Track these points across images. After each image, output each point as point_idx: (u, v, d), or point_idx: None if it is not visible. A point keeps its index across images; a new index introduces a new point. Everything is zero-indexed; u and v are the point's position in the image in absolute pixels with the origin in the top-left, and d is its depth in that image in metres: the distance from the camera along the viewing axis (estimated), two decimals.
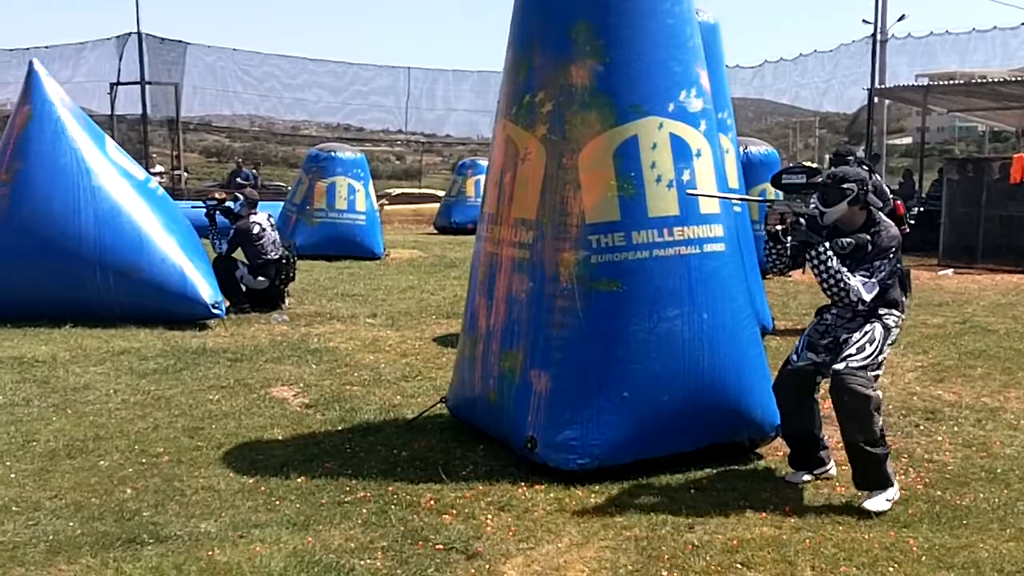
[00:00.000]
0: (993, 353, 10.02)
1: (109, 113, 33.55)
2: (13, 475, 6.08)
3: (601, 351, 5.99)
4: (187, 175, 38.27)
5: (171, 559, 4.85)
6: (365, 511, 5.49)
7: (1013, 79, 23.35)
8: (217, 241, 12.42)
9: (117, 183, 11.24)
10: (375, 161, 41.89)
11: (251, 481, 5.99)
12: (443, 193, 30.80)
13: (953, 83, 24.98)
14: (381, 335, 10.95)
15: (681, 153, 6.13)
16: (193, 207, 13.51)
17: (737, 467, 6.28)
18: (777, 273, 6.07)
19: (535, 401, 6.10)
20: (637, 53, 6.10)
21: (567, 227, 6.06)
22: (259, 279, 12.38)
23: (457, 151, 46.62)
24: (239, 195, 13.00)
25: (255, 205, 12.78)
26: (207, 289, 11.15)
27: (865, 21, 30.51)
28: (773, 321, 11.13)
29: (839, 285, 5.50)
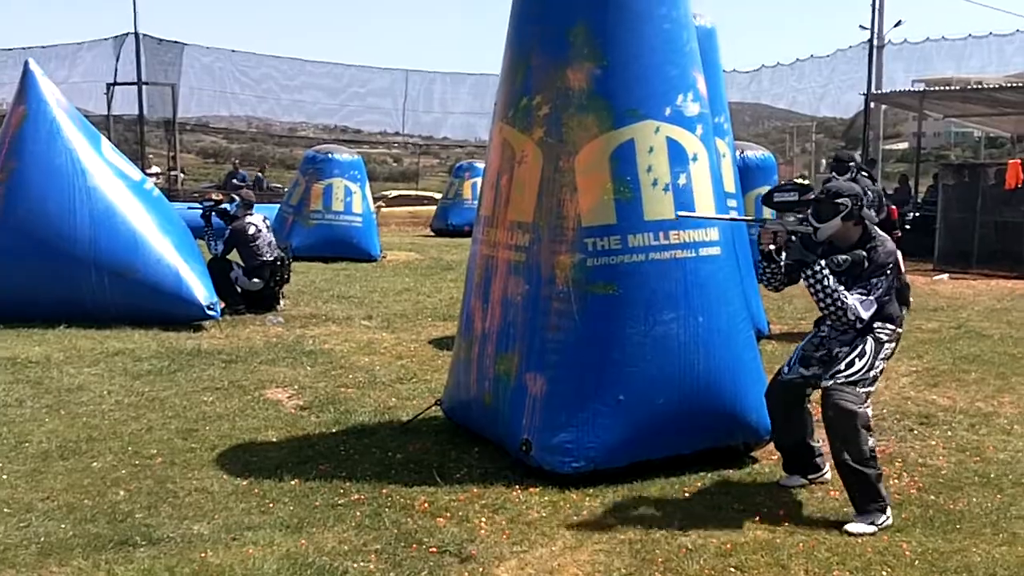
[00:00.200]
0: (987, 358, 10.03)
1: (106, 113, 33.47)
2: (5, 476, 6.06)
3: (597, 354, 5.99)
4: (183, 176, 38.24)
5: (164, 561, 4.84)
6: (359, 513, 5.48)
7: (1009, 85, 23.34)
8: (213, 242, 12.40)
9: (112, 184, 11.22)
10: (372, 163, 41.92)
11: (244, 483, 5.98)
12: (440, 195, 30.80)
13: (949, 89, 25.03)
14: (376, 337, 10.94)
15: (677, 157, 6.13)
16: (189, 208, 13.48)
17: (732, 470, 6.28)
18: (772, 290, 5.97)
19: (530, 404, 6.10)
20: (634, 57, 6.10)
21: (563, 230, 6.05)
22: (254, 280, 12.37)
23: (454, 153, 46.59)
24: (235, 196, 13.00)
25: (251, 206, 12.77)
26: (202, 290, 11.13)
27: (862, 27, 30.59)
28: (768, 325, 11.14)
29: (836, 304, 5.38)
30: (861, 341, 5.52)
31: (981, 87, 23.91)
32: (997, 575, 4.81)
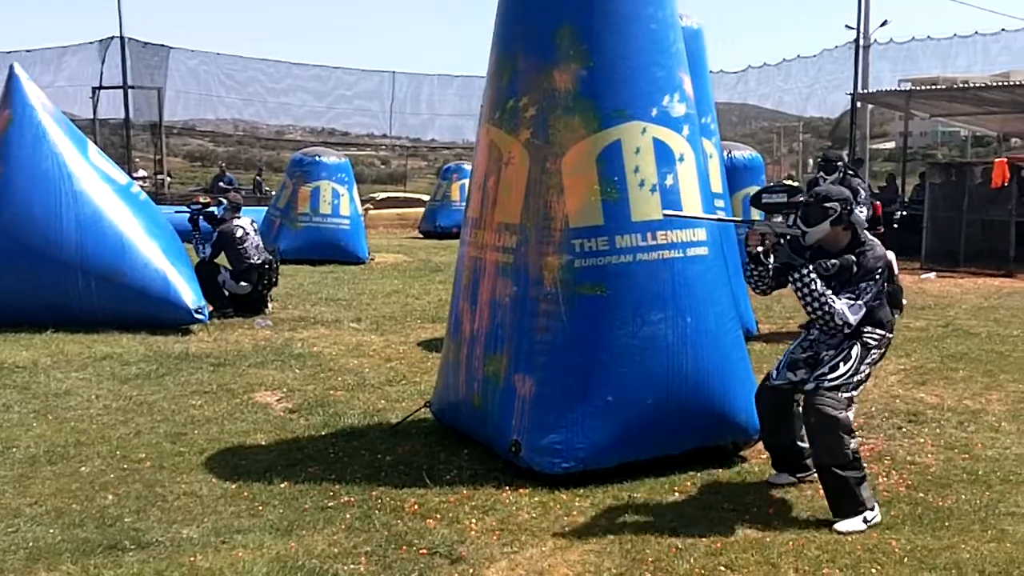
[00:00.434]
0: (975, 356, 10.06)
1: (91, 117, 33.43)
2: None
3: (585, 355, 5.99)
4: (170, 179, 38.16)
5: (153, 565, 4.83)
6: (349, 516, 5.48)
7: (994, 84, 23.42)
8: (200, 246, 12.37)
9: (99, 188, 11.19)
10: (360, 165, 41.91)
11: (234, 486, 5.97)
12: (428, 197, 30.77)
13: (935, 88, 25.08)
14: (365, 340, 10.93)
15: (664, 158, 6.14)
16: (177, 212, 13.45)
17: (721, 470, 6.29)
18: (760, 293, 5.91)
19: (519, 405, 6.10)
20: (620, 58, 6.11)
21: (551, 231, 6.06)
22: (241, 284, 12.34)
23: (442, 155, 46.59)
24: (222, 199, 12.97)
25: (238, 209, 12.74)
26: (190, 294, 11.10)
27: (848, 27, 30.65)
28: (757, 325, 11.16)
29: (823, 308, 5.32)
30: (848, 345, 5.50)
31: (967, 86, 23.97)
32: (986, 571, 4.82)
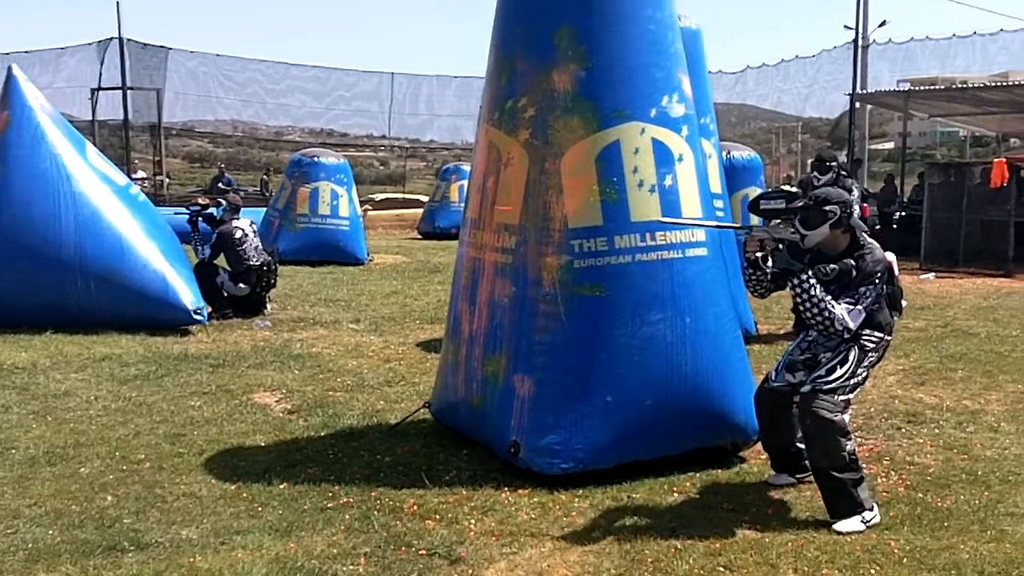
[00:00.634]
0: (974, 356, 10.06)
1: (90, 119, 33.41)
2: None
3: (584, 356, 5.99)
4: (169, 181, 38.13)
5: (152, 566, 4.83)
6: (348, 517, 5.48)
7: (993, 84, 23.44)
8: (199, 247, 12.37)
9: (98, 189, 11.19)
10: (359, 166, 41.88)
11: (233, 487, 5.97)
12: (427, 198, 30.78)
13: (934, 88, 25.10)
14: (364, 340, 10.92)
15: (663, 158, 6.14)
16: (176, 213, 13.45)
17: (720, 470, 6.29)
18: (758, 296, 5.88)
19: (518, 405, 6.10)
20: (619, 58, 6.11)
21: (550, 232, 6.06)
22: (240, 286, 12.32)
23: (441, 156, 46.58)
24: (221, 201, 12.96)
25: (237, 211, 12.73)
26: (189, 295, 11.10)
27: (847, 27, 30.60)
28: (756, 325, 11.16)
29: (823, 315, 5.28)
30: (846, 348, 5.47)
31: (966, 86, 23.98)
32: (985, 572, 4.82)
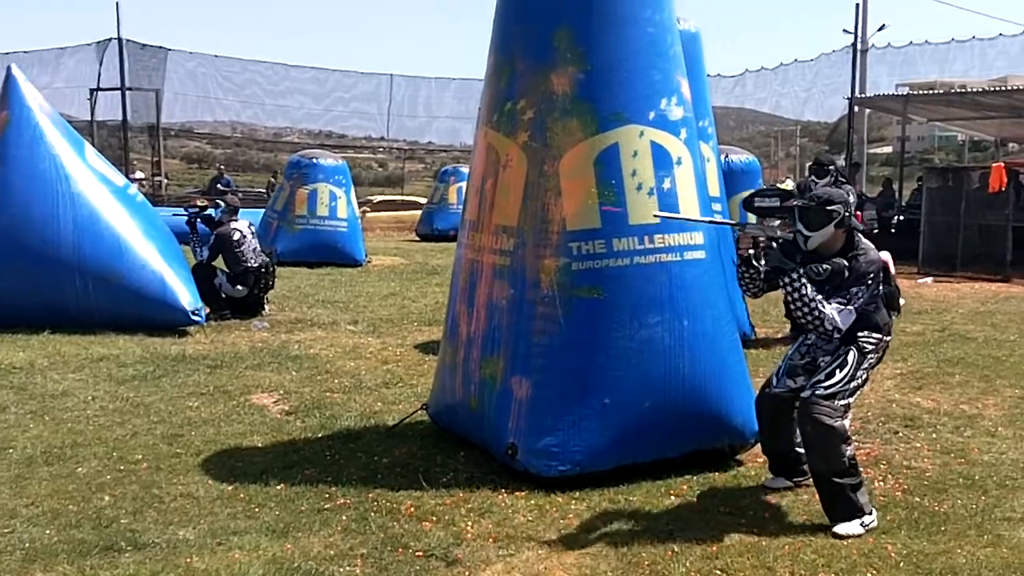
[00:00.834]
0: (971, 360, 10.07)
1: (89, 119, 33.38)
2: None
3: (582, 358, 5.99)
4: (167, 181, 38.13)
5: (149, 567, 4.82)
6: (345, 518, 5.47)
7: (992, 89, 23.48)
8: (198, 248, 12.38)
9: (96, 189, 11.19)
10: (357, 168, 41.90)
11: (230, 488, 5.96)
12: (425, 200, 30.82)
13: (933, 93, 25.16)
14: (362, 342, 10.92)
15: (662, 161, 6.14)
16: (175, 215, 13.45)
17: (717, 473, 6.29)
18: (751, 296, 5.83)
19: (516, 408, 6.10)
20: (618, 61, 6.11)
21: (548, 234, 6.06)
22: (238, 287, 12.32)
23: (439, 158, 46.61)
24: (220, 202, 12.97)
25: (236, 212, 12.74)
26: (187, 295, 11.10)
27: (846, 31, 30.62)
28: (753, 328, 11.15)
29: (813, 313, 5.24)
30: (844, 351, 5.47)
31: (964, 91, 24.01)
32: None
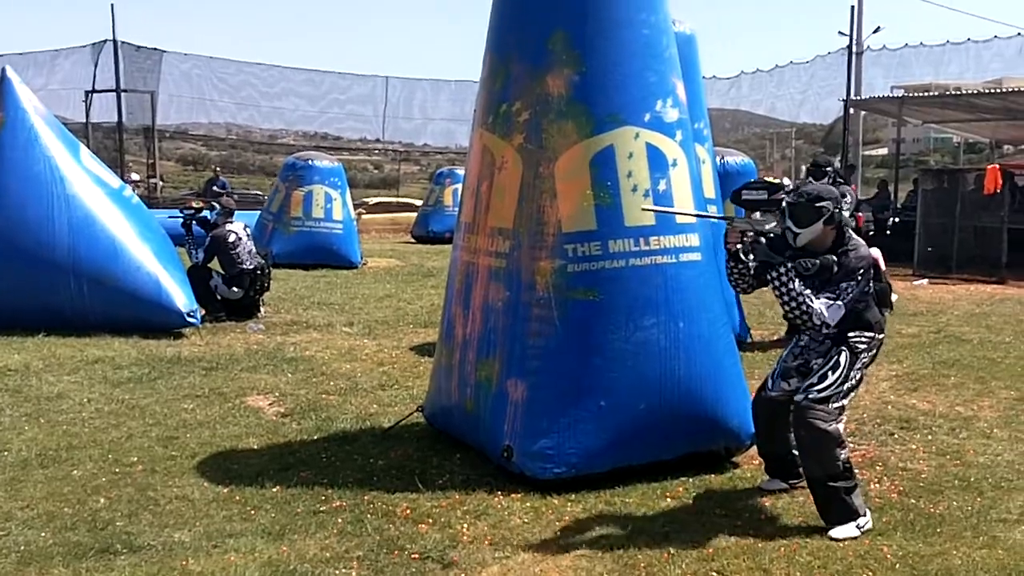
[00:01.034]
0: (967, 362, 10.08)
1: (84, 121, 33.34)
2: None
3: (578, 360, 5.99)
4: (163, 183, 38.09)
5: (144, 569, 4.82)
6: (341, 520, 5.47)
7: (987, 91, 23.51)
8: (193, 250, 12.37)
9: (91, 191, 11.17)
10: (352, 170, 41.80)
11: (226, 490, 5.96)
12: (420, 202, 30.80)
13: (928, 95, 25.16)
14: (358, 344, 10.92)
15: (657, 163, 6.14)
16: (170, 217, 13.44)
17: (713, 475, 6.29)
18: (740, 292, 5.81)
19: (512, 410, 6.10)
20: (613, 63, 6.11)
21: (543, 236, 6.06)
22: (233, 289, 12.31)
23: (435, 160, 46.58)
24: (215, 204, 12.96)
25: (231, 214, 12.73)
26: (182, 298, 11.09)
27: (841, 33, 30.62)
28: (749, 330, 11.16)
29: (801, 308, 5.21)
30: (836, 352, 5.43)
31: (960, 93, 24.06)
32: None
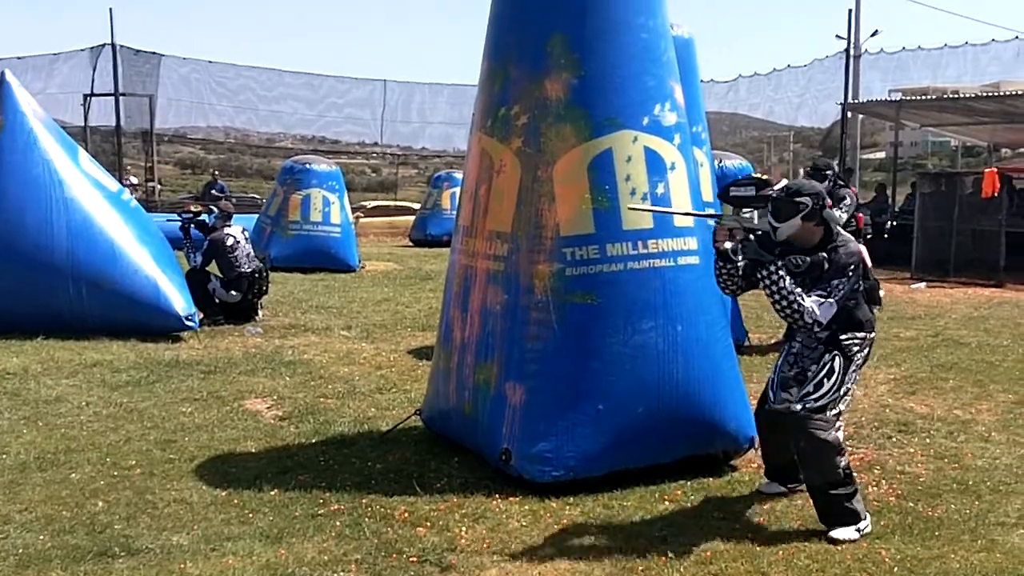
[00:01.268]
0: (965, 366, 10.08)
1: (82, 125, 33.30)
2: None
3: (576, 363, 6.00)
4: (161, 187, 38.08)
5: (143, 572, 4.82)
6: (339, 523, 5.47)
7: (984, 94, 23.52)
8: (191, 254, 12.36)
9: (90, 195, 11.17)
10: (350, 173, 41.81)
11: (224, 494, 5.95)
12: (418, 206, 30.79)
13: (925, 98, 25.15)
14: (356, 347, 10.92)
15: (655, 166, 6.15)
16: (168, 220, 13.43)
17: (711, 479, 6.29)
18: (729, 293, 5.74)
19: (510, 413, 6.10)
20: (612, 67, 6.12)
21: (542, 240, 6.06)
22: (231, 292, 12.31)
23: (433, 164, 46.59)
24: (214, 207, 12.96)
25: (229, 218, 12.74)
26: (180, 301, 11.08)
27: (839, 36, 30.60)
28: (747, 334, 11.16)
29: (792, 307, 5.13)
30: (830, 359, 5.37)
31: (957, 96, 24.04)
32: None
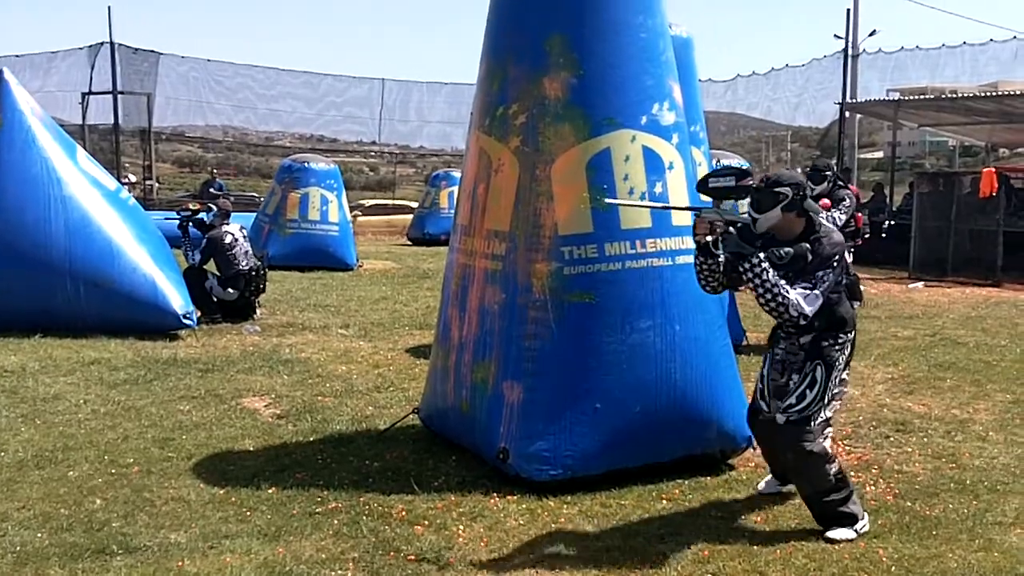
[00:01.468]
0: (962, 365, 10.09)
1: (81, 123, 33.29)
2: None
3: (574, 362, 6.00)
4: (159, 185, 38.06)
5: (140, 570, 4.82)
6: (336, 522, 5.47)
7: (982, 94, 23.53)
8: (189, 252, 12.36)
9: (88, 193, 11.16)
10: (348, 172, 41.86)
11: (221, 492, 5.96)
12: (416, 204, 30.81)
13: (923, 98, 25.16)
14: (353, 346, 10.92)
15: (653, 166, 6.15)
16: (166, 218, 13.43)
17: (709, 478, 6.30)
18: (710, 291, 5.50)
19: (507, 412, 6.10)
20: (610, 66, 6.12)
21: (540, 239, 6.06)
22: (229, 291, 12.31)
23: (431, 162, 46.65)
24: (212, 206, 12.96)
25: (228, 216, 12.73)
26: (178, 299, 11.08)
27: (837, 36, 30.65)
28: (745, 333, 11.16)
29: (777, 300, 4.98)
30: (811, 368, 5.27)
31: (955, 96, 24.06)
32: None
